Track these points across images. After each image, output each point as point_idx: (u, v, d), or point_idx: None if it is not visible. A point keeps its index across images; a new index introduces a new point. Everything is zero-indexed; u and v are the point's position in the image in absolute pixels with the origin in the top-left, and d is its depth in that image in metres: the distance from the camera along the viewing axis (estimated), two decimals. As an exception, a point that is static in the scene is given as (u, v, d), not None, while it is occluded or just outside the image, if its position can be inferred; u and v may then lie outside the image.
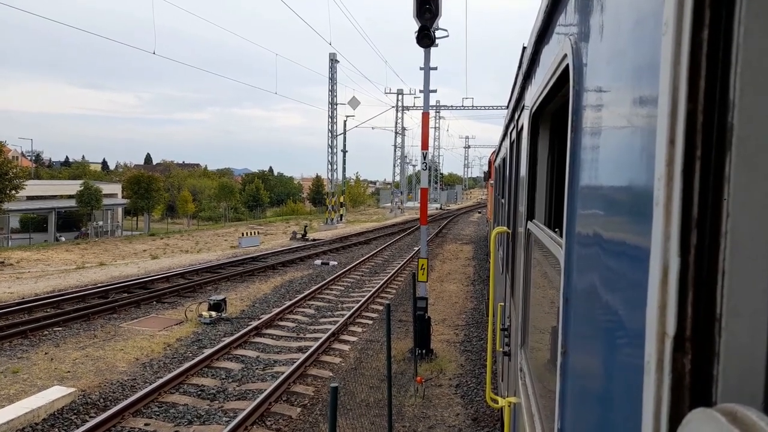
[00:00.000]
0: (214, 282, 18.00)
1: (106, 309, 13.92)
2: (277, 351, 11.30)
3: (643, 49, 0.83)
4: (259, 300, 15.78)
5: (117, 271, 20.22)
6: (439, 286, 18.44)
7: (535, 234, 2.57)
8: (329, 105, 41.43)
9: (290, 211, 75.91)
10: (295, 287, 17.55)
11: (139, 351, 10.92)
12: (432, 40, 10.23)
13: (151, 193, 52.34)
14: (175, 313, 14.08)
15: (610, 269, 1.02)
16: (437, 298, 16.56)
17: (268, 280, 18.69)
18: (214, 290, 16.92)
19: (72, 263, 23.96)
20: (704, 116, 0.62)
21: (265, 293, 16.69)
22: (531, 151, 2.91)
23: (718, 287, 0.61)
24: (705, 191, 0.62)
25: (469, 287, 18.34)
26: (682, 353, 0.63)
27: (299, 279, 18.99)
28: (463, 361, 10.87)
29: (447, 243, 30.83)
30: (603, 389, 1.06)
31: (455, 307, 15.52)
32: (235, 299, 15.69)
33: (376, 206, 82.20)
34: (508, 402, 3.51)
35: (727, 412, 0.50)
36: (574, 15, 1.53)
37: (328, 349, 11.36)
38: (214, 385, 9.29)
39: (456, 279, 19.79)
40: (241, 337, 11.66)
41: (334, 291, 17.18)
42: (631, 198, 0.89)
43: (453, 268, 22.15)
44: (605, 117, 1.11)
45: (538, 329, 2.75)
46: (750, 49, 0.58)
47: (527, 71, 3.07)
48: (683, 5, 0.63)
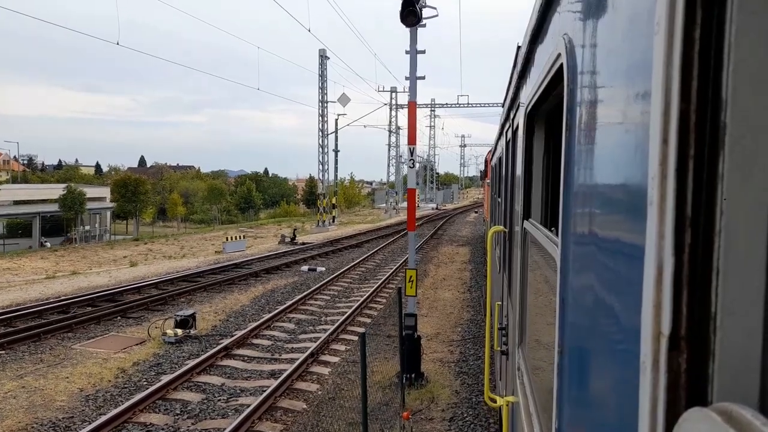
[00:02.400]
0: (189, 293, 16.57)
1: (62, 327, 12.49)
2: (246, 376, 9.90)
3: (636, 48, 0.83)
4: (235, 313, 14.36)
5: (86, 282, 18.77)
6: (433, 293, 17.07)
7: (532, 233, 2.57)
8: (319, 103, 40.00)
9: (284, 213, 74.66)
10: (276, 297, 16.14)
11: (86, 379, 9.51)
12: (418, 17, 8.86)
13: (138, 197, 50.75)
14: (138, 330, 12.67)
15: (606, 268, 1.01)
16: (430, 307, 15.19)
17: (249, 290, 17.28)
18: (188, 302, 15.50)
19: (43, 272, 22.50)
20: (697, 115, 0.63)
21: (243, 305, 15.27)
22: (526, 150, 2.89)
23: (713, 286, 0.61)
24: (698, 190, 0.62)
25: (465, 294, 16.97)
26: (678, 352, 0.63)
27: (282, 288, 17.58)
28: (458, 386, 9.49)
29: (442, 245, 29.46)
30: (600, 388, 1.05)
31: (450, 318, 14.14)
32: (208, 312, 14.28)
33: (371, 207, 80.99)
34: (506, 401, 3.48)
35: (722, 411, 0.51)
36: (567, 14, 1.51)
37: (304, 373, 9.97)
38: (164, 424, 7.88)
39: (451, 285, 18.41)
40: (207, 359, 10.27)
41: (318, 301, 15.79)
42: (625, 197, 0.89)
43: (448, 273, 20.78)
44: (599, 116, 1.11)
45: (535, 328, 2.70)
46: (742, 47, 0.59)
47: (522, 70, 3.06)
48: (675, 4, 0.64)
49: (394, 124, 62.69)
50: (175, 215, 61.67)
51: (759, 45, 0.57)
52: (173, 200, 62.27)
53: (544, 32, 2.05)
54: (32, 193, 56.90)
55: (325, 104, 40.02)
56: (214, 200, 66.02)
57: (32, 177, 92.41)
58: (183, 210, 62.82)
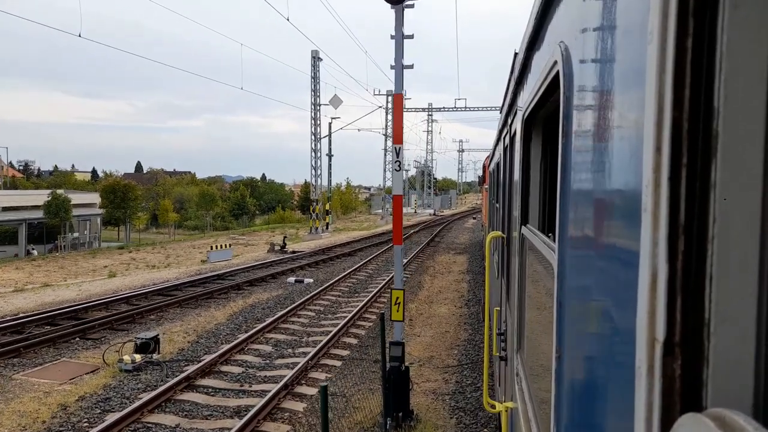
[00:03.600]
0: (162, 309, 15.18)
1: (8, 351, 11.09)
2: (206, 414, 8.50)
3: (630, 57, 0.84)
4: (208, 333, 12.97)
5: (53, 296, 17.37)
6: (428, 308, 15.70)
7: (529, 239, 2.57)
8: (312, 106, 38.65)
9: (279, 219, 73.29)
10: (256, 314, 14.75)
11: (17, 420, 8.11)
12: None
13: (127, 203, 49.23)
14: (95, 354, 11.28)
15: (602, 274, 1.02)
16: (424, 325, 13.82)
17: (227, 305, 15.90)
18: (157, 320, 14.12)
19: (12, 285, 21.08)
20: (690, 123, 0.63)
21: (219, 323, 13.88)
22: (524, 156, 2.88)
23: (706, 292, 0.61)
24: (692, 197, 0.63)
25: (462, 310, 15.59)
26: (672, 358, 0.64)
27: (264, 302, 16.19)
28: (454, 425, 8.13)
29: (439, 253, 28.09)
30: (597, 394, 1.06)
31: (445, 338, 12.77)
32: (178, 332, 12.89)
33: (367, 213, 79.64)
34: (505, 407, 3.41)
35: (716, 417, 0.51)
36: (563, 23, 1.54)
37: (275, 410, 8.58)
38: (96, 482, 6.51)
39: (448, 299, 17.05)
40: (164, 393, 8.87)
41: (302, 318, 14.40)
42: (620, 204, 0.90)
43: (445, 285, 19.41)
44: (595, 123, 1.12)
45: (533, 334, 2.62)
46: (733, 57, 0.59)
47: (519, 77, 3.06)
48: (668, 15, 0.65)
49: (390, 128, 61.35)
50: (165, 222, 60.04)
51: (750, 54, 0.58)
52: (164, 206, 60.62)
53: (541, 40, 2.06)
54: (19, 200, 55.50)
55: (318, 107, 38.71)
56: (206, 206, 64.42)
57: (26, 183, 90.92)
58: (174, 216, 61.18)
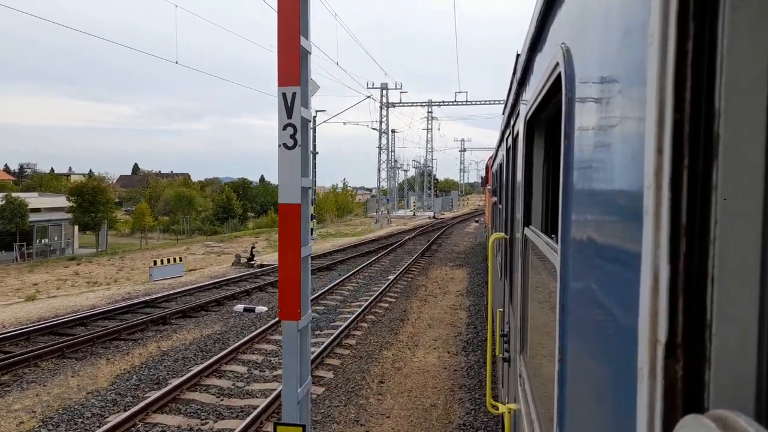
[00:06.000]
0: (28, 361, 10.65)
1: None
2: None
3: (631, 59, 0.84)
4: (68, 410, 8.45)
5: None
6: (410, 355, 11.19)
7: (532, 240, 2.60)
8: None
9: (270, 223, 68.86)
10: (159, 371, 10.23)
11: None
12: None
13: (97, 206, 44.75)
14: None
15: (604, 276, 1.02)
16: (398, 392, 9.29)
17: (129, 353, 11.40)
18: (12, 382, 9.64)
19: None
20: (691, 125, 0.63)
21: (95, 389, 9.36)
22: (527, 157, 2.90)
23: (708, 294, 0.61)
24: (693, 199, 0.63)
25: (459, 358, 11.05)
26: (674, 359, 0.63)
27: (185, 347, 11.69)
28: None
29: (434, 266, 23.58)
30: (599, 396, 1.06)
31: (429, 420, 8.24)
32: (21, 410, 8.42)
33: (364, 215, 75.24)
34: (508, 408, 3.43)
35: (718, 418, 0.51)
36: (565, 24, 1.55)
37: None
38: None
39: (439, 338, 12.52)
40: None
41: (222, 379, 9.88)
42: (622, 205, 0.90)
43: (437, 314, 14.89)
44: (596, 125, 1.12)
45: (536, 335, 2.64)
46: (734, 58, 0.59)
47: (521, 78, 3.08)
48: (668, 17, 0.65)
49: (385, 124, 56.91)
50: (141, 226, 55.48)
51: (750, 55, 0.58)
52: (139, 210, 56.10)
53: (543, 41, 2.09)
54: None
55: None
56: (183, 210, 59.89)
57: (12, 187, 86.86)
58: (150, 220, 56.60)
